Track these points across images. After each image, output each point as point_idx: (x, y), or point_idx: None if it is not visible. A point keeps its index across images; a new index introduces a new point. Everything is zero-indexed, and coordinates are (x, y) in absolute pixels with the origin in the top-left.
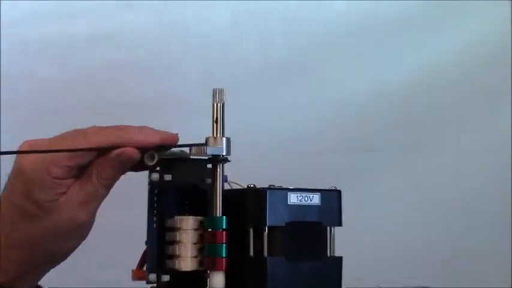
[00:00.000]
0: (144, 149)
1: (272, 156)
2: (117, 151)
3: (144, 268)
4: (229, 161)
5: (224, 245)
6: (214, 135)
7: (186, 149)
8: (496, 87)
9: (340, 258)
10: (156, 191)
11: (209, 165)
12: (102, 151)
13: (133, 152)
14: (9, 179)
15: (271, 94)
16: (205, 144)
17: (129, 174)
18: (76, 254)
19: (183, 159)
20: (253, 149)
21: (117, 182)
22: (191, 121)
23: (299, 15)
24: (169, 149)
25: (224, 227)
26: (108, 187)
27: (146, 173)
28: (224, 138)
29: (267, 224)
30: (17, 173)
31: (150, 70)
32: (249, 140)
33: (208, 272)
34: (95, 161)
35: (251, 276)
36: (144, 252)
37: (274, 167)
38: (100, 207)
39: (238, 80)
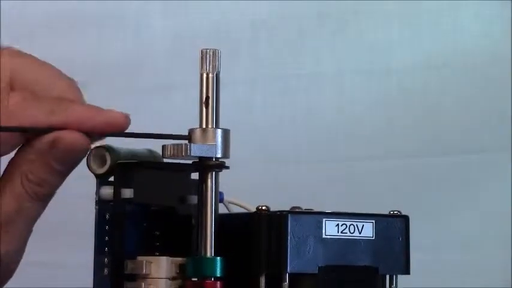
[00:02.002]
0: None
1: (299, 158)
2: (47, 137)
3: None
4: (227, 167)
5: None
6: (203, 126)
7: (156, 147)
8: None
9: None
10: (107, 216)
11: (194, 175)
12: (28, 133)
13: (76, 138)
14: None
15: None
16: (189, 139)
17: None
18: None
19: (150, 164)
20: (264, 149)
21: None
22: (160, 100)
23: None
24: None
25: (218, 274)
26: (42, 198)
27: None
28: (219, 131)
29: (288, 270)
30: None
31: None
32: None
33: None
34: (18, 154)
35: None
36: None
37: (299, 176)
38: None
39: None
